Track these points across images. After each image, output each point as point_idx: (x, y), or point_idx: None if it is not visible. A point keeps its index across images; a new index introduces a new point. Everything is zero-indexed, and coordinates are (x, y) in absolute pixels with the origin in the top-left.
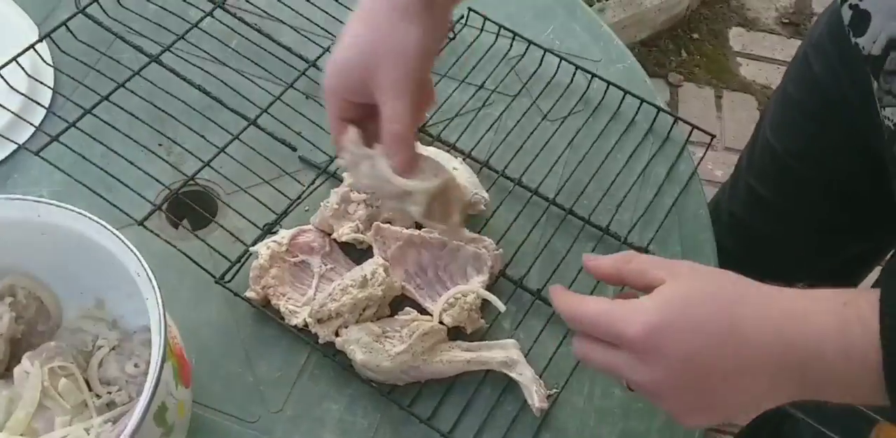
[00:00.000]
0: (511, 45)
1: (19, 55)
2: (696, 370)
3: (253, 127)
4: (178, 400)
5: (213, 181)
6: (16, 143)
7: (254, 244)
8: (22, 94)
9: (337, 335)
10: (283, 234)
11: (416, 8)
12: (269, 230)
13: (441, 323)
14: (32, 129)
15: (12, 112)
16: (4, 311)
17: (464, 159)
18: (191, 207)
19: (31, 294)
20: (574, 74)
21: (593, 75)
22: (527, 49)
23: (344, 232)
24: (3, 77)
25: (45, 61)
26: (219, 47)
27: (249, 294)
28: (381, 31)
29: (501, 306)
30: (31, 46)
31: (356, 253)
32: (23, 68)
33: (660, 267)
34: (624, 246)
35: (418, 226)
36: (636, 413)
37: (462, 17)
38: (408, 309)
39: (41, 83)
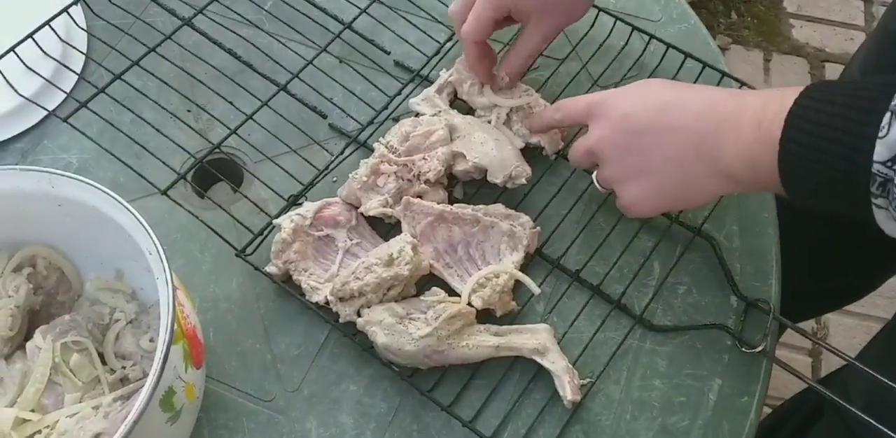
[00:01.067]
0: None
1: (53, 19)
2: (632, 126)
3: (283, 93)
4: (188, 383)
5: (240, 149)
6: (45, 110)
7: (279, 215)
8: (54, 60)
9: (359, 315)
10: (308, 207)
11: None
12: (293, 202)
13: (469, 305)
14: (63, 95)
15: (44, 78)
16: (22, 283)
17: None
18: (216, 176)
19: (52, 264)
20: (630, 36)
21: (651, 36)
22: None
23: (372, 205)
24: (36, 42)
25: (78, 25)
26: (253, 9)
27: (270, 268)
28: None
29: (536, 288)
30: (65, 10)
31: (383, 227)
32: (56, 33)
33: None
34: (675, 226)
35: (450, 201)
36: (678, 407)
37: None
38: (435, 289)
39: (74, 48)
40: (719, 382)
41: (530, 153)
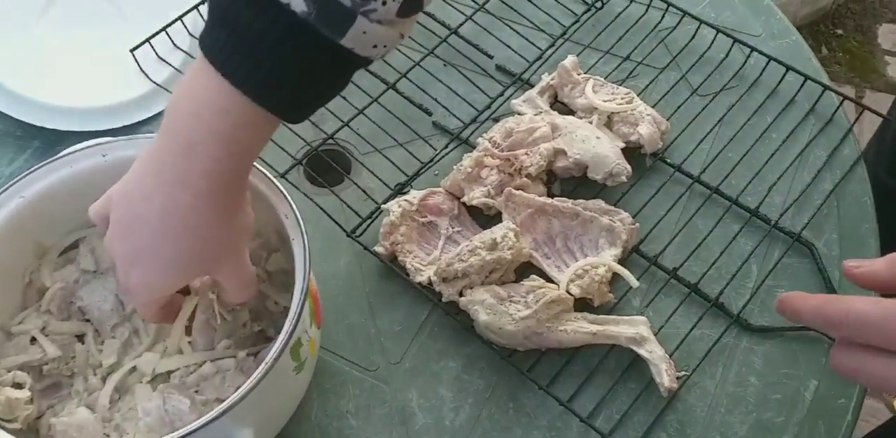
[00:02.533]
0: (662, 17)
1: (183, 15)
2: None
3: (391, 90)
4: (311, 338)
5: (350, 141)
6: None
7: (385, 202)
8: (183, 51)
9: (461, 295)
10: (415, 194)
11: (235, 198)
12: (400, 190)
13: (568, 293)
14: None
15: (174, 67)
16: None
17: None
18: (327, 164)
19: None
20: (730, 49)
21: (753, 49)
22: (679, 21)
23: (475, 195)
24: (168, 35)
25: (205, 21)
26: None
27: (378, 249)
28: (213, 241)
29: (634, 282)
30: (195, 7)
31: (483, 218)
32: (186, 27)
33: None
34: (774, 231)
35: (550, 194)
36: (773, 404)
37: None
38: (533, 276)
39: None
40: (815, 383)
41: (630, 153)
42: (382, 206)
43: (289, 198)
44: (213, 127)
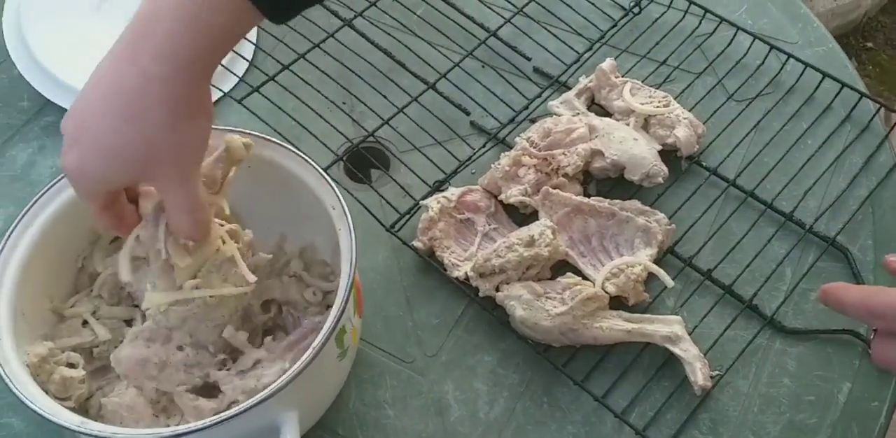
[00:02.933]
0: (700, 23)
1: None
2: None
3: (431, 90)
4: (354, 327)
5: (389, 139)
6: (221, 91)
7: (423, 198)
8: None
9: (497, 290)
10: (453, 191)
11: (192, 96)
12: (438, 187)
13: (603, 291)
14: (236, 80)
15: (221, 64)
16: None
17: None
18: (367, 161)
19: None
20: (767, 55)
21: (789, 56)
22: (717, 27)
23: (512, 194)
24: None
25: None
26: (406, 15)
27: (416, 243)
28: (156, 138)
29: (670, 281)
30: None
31: (519, 216)
32: None
33: None
34: (808, 235)
35: (586, 194)
36: (806, 406)
37: None
38: (569, 274)
39: (246, 39)
40: (849, 385)
41: (665, 156)
42: (421, 202)
43: (336, 190)
44: (177, 1)
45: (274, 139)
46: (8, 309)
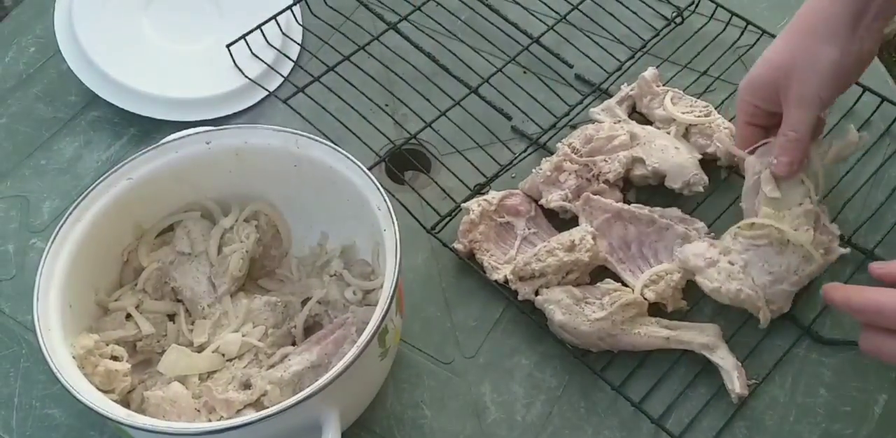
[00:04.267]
0: (741, 35)
1: (277, 15)
2: None
3: (473, 95)
4: (396, 327)
5: (431, 142)
6: (267, 90)
7: (464, 201)
8: (275, 49)
9: (536, 294)
10: (494, 195)
11: (836, 30)
12: (478, 190)
13: (642, 297)
14: (281, 79)
15: (266, 63)
16: (252, 231)
17: None
18: (409, 163)
19: (270, 221)
20: None
21: None
22: (758, 39)
23: (552, 199)
24: (262, 32)
25: (297, 21)
26: (450, 20)
27: (457, 245)
28: (796, 52)
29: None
30: (289, 8)
31: (558, 221)
32: (279, 26)
33: None
34: (846, 247)
35: (626, 201)
36: (843, 416)
37: (693, 3)
38: (608, 280)
39: (292, 40)
40: (885, 397)
41: (705, 166)
42: (462, 205)
43: (382, 191)
44: None
45: (319, 139)
46: (58, 300)
